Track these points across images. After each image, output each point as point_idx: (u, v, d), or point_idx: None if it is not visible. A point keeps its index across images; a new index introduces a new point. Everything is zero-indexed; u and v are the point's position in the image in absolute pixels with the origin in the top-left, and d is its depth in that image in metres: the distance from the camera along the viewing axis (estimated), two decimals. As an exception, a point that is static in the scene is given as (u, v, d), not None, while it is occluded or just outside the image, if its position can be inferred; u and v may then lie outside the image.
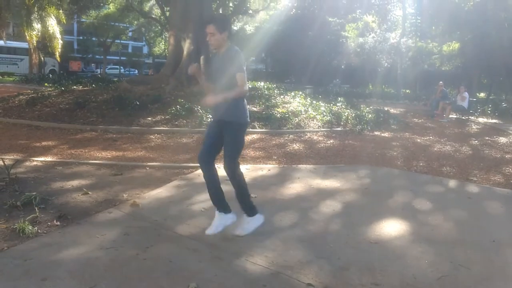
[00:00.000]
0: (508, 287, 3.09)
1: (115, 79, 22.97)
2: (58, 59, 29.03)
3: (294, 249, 3.44)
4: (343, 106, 13.18)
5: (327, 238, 3.67)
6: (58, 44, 28.07)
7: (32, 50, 29.72)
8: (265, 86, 14.62)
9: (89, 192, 4.69)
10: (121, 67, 51.30)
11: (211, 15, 3.81)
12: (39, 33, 27.06)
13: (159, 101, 11.01)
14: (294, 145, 8.12)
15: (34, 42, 28.02)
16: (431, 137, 9.97)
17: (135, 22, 37.78)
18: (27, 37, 27.14)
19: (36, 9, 24.77)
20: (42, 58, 30.98)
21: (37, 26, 26.48)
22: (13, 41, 34.35)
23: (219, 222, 3.57)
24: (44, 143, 7.75)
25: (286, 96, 13.18)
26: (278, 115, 10.16)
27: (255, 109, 10.60)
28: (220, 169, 3.65)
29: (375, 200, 4.87)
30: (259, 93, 12.79)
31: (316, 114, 10.84)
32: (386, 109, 13.90)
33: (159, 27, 35.33)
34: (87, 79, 22.72)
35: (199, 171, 5.77)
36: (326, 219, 4.18)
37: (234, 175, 3.55)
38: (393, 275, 3.07)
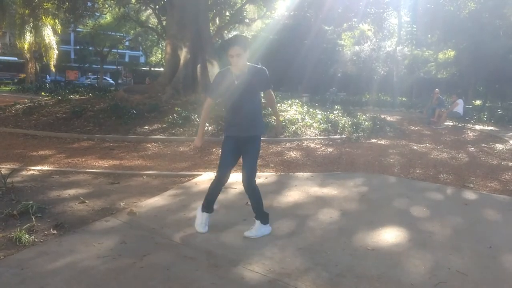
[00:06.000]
0: (505, 293, 3.09)
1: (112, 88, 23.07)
2: (53, 68, 29.08)
3: (292, 256, 3.43)
4: (339, 114, 13.23)
5: (324, 245, 3.67)
6: (54, 53, 28.15)
7: (28, 59, 29.81)
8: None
9: (86, 201, 4.68)
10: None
11: (235, 37, 3.84)
12: (35, 43, 27.19)
13: (156, 109, 11.03)
14: (291, 153, 8.13)
15: (26, 50, 28.11)
16: (427, 144, 10.00)
17: (132, 31, 37.87)
18: (26, 47, 27.25)
19: (31, 19, 24.85)
20: (38, 68, 31.07)
21: (32, 36, 26.60)
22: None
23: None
24: (40, 152, 7.74)
25: (282, 104, 13.22)
26: (275, 123, 10.16)
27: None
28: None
29: (372, 207, 4.87)
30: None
31: (313, 122, 10.87)
32: (382, 116, 14.00)
33: (156, 36, 35.45)
34: (84, 88, 22.74)
35: (196, 180, 5.81)
36: (323, 226, 4.17)
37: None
38: (390, 282, 3.07)
